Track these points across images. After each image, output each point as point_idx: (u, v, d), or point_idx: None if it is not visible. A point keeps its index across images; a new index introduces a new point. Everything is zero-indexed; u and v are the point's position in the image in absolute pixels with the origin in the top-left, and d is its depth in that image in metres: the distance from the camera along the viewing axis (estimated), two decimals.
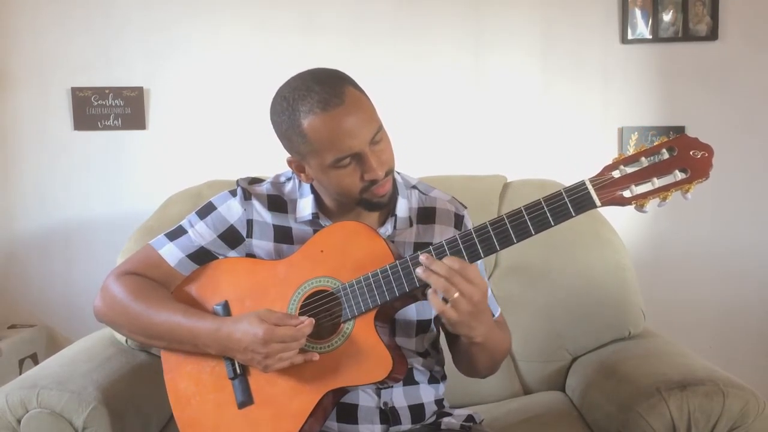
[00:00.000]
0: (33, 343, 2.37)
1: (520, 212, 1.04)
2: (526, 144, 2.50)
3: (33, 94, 2.45)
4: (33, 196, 2.48)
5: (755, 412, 1.29)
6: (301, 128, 1.10)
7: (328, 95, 1.08)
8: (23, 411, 1.33)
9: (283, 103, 1.12)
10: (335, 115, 1.08)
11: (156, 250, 1.25)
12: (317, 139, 1.09)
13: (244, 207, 1.25)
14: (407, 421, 1.24)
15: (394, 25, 2.45)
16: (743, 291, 2.53)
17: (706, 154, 0.99)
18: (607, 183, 1.01)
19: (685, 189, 0.99)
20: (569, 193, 1.02)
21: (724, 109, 2.48)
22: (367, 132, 1.10)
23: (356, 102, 1.10)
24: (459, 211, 1.31)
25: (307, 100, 1.09)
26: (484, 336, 1.11)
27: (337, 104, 1.08)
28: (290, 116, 1.10)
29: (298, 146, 1.13)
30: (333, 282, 1.15)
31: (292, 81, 1.14)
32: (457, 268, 1.03)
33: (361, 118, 1.10)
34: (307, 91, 1.09)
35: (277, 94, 1.15)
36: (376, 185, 1.13)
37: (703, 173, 0.98)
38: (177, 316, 1.17)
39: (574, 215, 1.02)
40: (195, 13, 2.44)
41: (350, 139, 1.09)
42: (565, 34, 2.47)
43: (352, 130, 1.09)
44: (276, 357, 1.08)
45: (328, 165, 1.11)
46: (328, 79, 1.11)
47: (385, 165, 1.14)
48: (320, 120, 1.08)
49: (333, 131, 1.08)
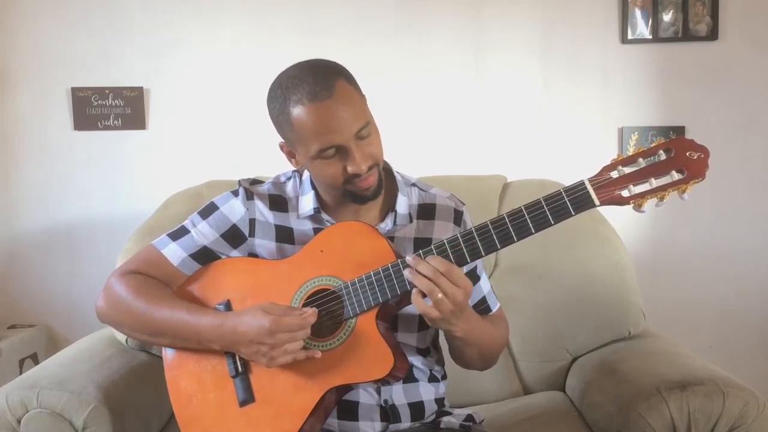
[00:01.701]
0: (33, 343, 2.37)
1: (521, 211, 1.06)
2: (526, 144, 2.50)
3: (33, 94, 2.45)
4: (33, 196, 2.48)
5: (755, 412, 1.29)
6: (289, 116, 1.13)
7: (319, 87, 1.10)
8: (23, 411, 1.33)
9: (277, 90, 1.15)
10: (322, 107, 1.10)
11: (159, 250, 1.26)
12: (302, 129, 1.12)
13: (247, 207, 1.26)
14: (407, 418, 1.24)
15: (394, 25, 2.46)
16: (743, 291, 2.53)
17: (702, 155, 1.01)
18: (605, 183, 1.03)
19: (682, 189, 1.01)
20: (569, 193, 1.04)
21: (724, 109, 2.48)
22: (353, 126, 1.12)
23: (345, 95, 1.12)
24: (458, 207, 1.33)
25: (299, 90, 1.11)
26: (463, 331, 1.13)
27: (325, 97, 1.10)
28: (281, 104, 1.14)
29: (287, 133, 1.17)
30: (335, 281, 1.15)
31: (290, 69, 1.17)
32: (443, 270, 1.05)
33: (348, 112, 1.12)
34: (300, 81, 1.12)
35: (274, 82, 1.18)
36: (359, 179, 1.15)
37: (699, 174, 1.00)
38: (180, 313, 1.17)
39: (574, 214, 1.04)
40: (195, 13, 2.44)
41: (334, 132, 1.11)
42: (565, 34, 2.47)
43: (337, 123, 1.11)
44: (281, 349, 1.09)
45: (312, 155, 1.14)
46: (321, 71, 1.13)
47: (369, 159, 1.15)
48: (307, 111, 1.11)
49: (318, 123, 1.11)
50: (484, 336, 1.21)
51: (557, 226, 1.07)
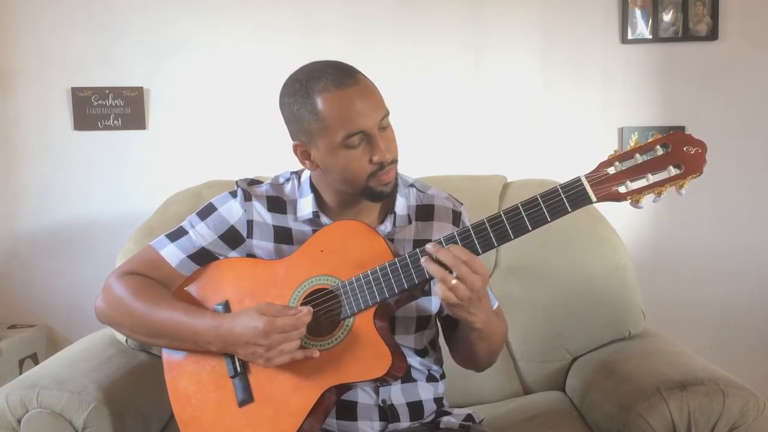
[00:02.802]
0: (33, 343, 2.37)
1: (517, 208, 1.06)
2: (526, 144, 2.50)
3: (33, 94, 2.45)
4: (33, 196, 2.48)
5: (755, 412, 1.29)
6: (314, 105, 1.13)
7: (343, 76, 1.13)
8: (23, 411, 1.33)
9: (295, 84, 1.16)
10: (349, 93, 1.12)
11: (157, 251, 1.26)
12: (330, 116, 1.13)
13: (245, 208, 1.26)
14: (406, 418, 1.24)
15: (394, 25, 2.46)
16: (743, 291, 2.53)
17: (700, 150, 1.00)
18: (602, 179, 1.03)
19: (680, 184, 1.01)
20: (565, 189, 1.04)
21: (724, 109, 2.48)
22: (377, 114, 1.14)
23: (368, 86, 1.16)
24: (456, 208, 1.33)
25: (322, 80, 1.13)
26: (483, 323, 1.12)
27: (352, 84, 1.13)
28: (303, 95, 1.14)
29: (309, 125, 1.15)
30: (333, 280, 1.15)
31: (306, 66, 1.18)
32: (464, 258, 1.05)
33: (373, 100, 1.15)
34: (321, 73, 1.14)
35: (289, 79, 1.19)
36: (383, 171, 1.16)
37: (696, 169, 1.00)
38: (178, 314, 1.17)
39: (570, 211, 1.04)
40: (195, 13, 2.44)
41: (361, 117, 1.13)
42: (565, 34, 2.47)
43: (364, 109, 1.13)
44: (277, 349, 1.09)
45: (338, 143, 1.14)
46: (340, 65, 1.16)
47: (392, 151, 1.17)
48: (334, 96, 1.12)
49: (345, 107, 1.12)
50: (497, 330, 1.22)
51: (557, 225, 1.07)
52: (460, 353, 1.30)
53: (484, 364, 1.29)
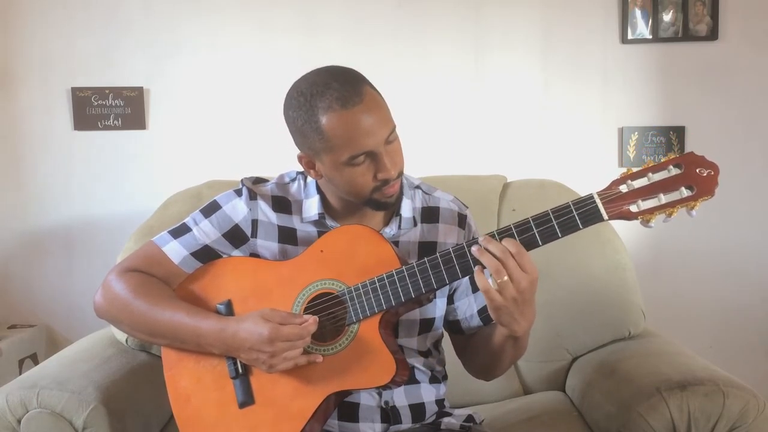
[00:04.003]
0: (33, 343, 2.37)
1: (528, 223, 1.05)
2: (526, 144, 2.50)
3: (33, 94, 2.45)
4: (33, 196, 2.48)
5: (755, 412, 1.29)
6: (318, 124, 1.09)
7: (348, 93, 1.08)
8: (23, 411, 1.33)
9: (299, 98, 1.11)
10: (354, 113, 1.08)
11: (159, 247, 1.25)
12: (335, 136, 1.09)
13: (250, 207, 1.24)
14: (407, 420, 1.24)
15: (394, 25, 2.46)
16: (743, 291, 2.53)
17: (713, 172, 1.00)
18: (615, 197, 1.02)
19: (691, 206, 1.01)
20: (577, 206, 1.03)
21: (724, 109, 2.47)
22: (384, 131, 1.10)
23: (374, 101, 1.11)
24: (462, 211, 1.32)
25: (326, 97, 1.08)
26: (525, 332, 1.10)
27: (357, 102, 1.08)
28: (307, 111, 1.10)
29: (313, 142, 1.12)
30: (338, 285, 1.15)
31: (309, 76, 1.13)
32: (513, 251, 1.03)
33: (379, 117, 1.10)
34: (325, 87, 1.09)
35: (293, 89, 1.14)
36: (388, 185, 1.14)
37: (708, 191, 1.00)
38: (180, 315, 1.16)
39: (582, 227, 1.03)
40: (195, 14, 2.44)
41: (367, 137, 1.09)
42: (565, 34, 2.47)
43: (370, 129, 1.09)
44: (281, 356, 1.08)
45: (343, 162, 1.11)
46: (345, 77, 1.11)
47: (397, 166, 1.14)
48: (339, 117, 1.08)
49: (351, 129, 1.08)
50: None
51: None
52: (479, 361, 1.28)
53: (500, 371, 1.27)
